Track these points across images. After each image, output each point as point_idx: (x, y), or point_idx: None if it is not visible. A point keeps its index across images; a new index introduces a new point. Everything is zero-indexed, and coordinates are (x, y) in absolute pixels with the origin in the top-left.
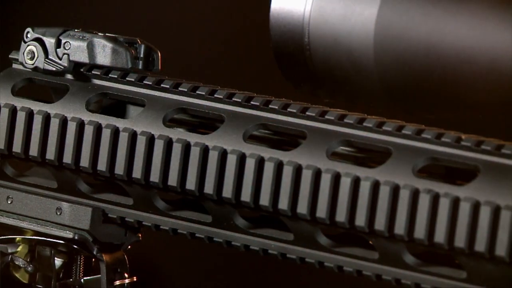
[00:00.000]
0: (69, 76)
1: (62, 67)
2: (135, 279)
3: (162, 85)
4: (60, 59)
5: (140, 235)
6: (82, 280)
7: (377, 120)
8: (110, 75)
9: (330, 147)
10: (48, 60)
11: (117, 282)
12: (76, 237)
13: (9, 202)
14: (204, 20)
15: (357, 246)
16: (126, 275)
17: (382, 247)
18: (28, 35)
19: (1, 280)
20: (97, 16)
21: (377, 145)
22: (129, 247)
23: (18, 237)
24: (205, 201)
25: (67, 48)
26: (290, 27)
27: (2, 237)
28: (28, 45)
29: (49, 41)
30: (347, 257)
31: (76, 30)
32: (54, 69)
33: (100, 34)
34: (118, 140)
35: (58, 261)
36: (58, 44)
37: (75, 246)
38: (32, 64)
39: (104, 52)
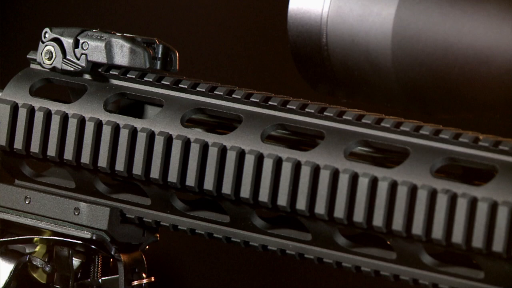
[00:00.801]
0: (87, 76)
1: (80, 67)
2: (153, 279)
3: (180, 85)
4: (78, 59)
5: (158, 235)
6: (100, 280)
7: (395, 120)
8: (128, 75)
9: (348, 147)
10: (66, 60)
11: (135, 282)
12: (94, 237)
13: (27, 202)
14: (222, 20)
15: (375, 246)
16: (144, 275)
17: (400, 248)
18: (46, 35)
19: (19, 280)
20: (115, 16)
21: (395, 145)
22: (147, 247)
23: (36, 237)
24: (223, 201)
25: (85, 48)
26: (308, 27)
27: (20, 237)
28: (46, 45)
29: (67, 41)
30: (365, 257)
31: (94, 30)
32: (72, 69)
33: (118, 34)
34: (136, 140)
35: (76, 261)
36: (76, 44)
37: (93, 246)
38: (50, 64)
39: (122, 52)
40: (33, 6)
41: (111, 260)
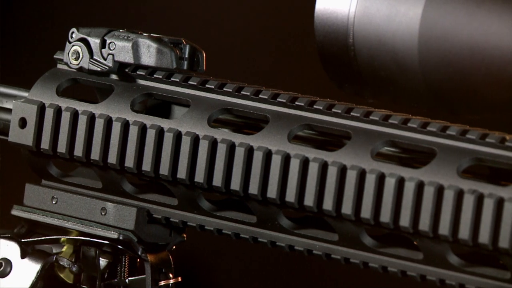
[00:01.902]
0: (114, 77)
1: (107, 68)
2: (179, 280)
3: (207, 86)
4: (105, 59)
5: (185, 235)
6: (127, 280)
7: (422, 121)
8: (155, 75)
9: (374, 148)
10: (93, 61)
11: (162, 283)
12: (121, 238)
13: (54, 202)
14: (249, 21)
15: (402, 246)
16: (170, 275)
17: (427, 248)
18: (73, 36)
19: (46, 280)
20: (142, 16)
21: (421, 146)
22: (174, 247)
23: (62, 238)
24: (250, 201)
25: (112, 48)
26: (334, 28)
27: (47, 237)
28: (73, 46)
29: (94, 42)
30: (391, 257)
31: (121, 30)
32: (99, 69)
33: (145, 34)
34: (163, 141)
35: (103, 262)
36: (103, 45)
37: (120, 247)
38: (77, 64)
39: (149, 52)
40: (55, 6)
41: (138, 260)
